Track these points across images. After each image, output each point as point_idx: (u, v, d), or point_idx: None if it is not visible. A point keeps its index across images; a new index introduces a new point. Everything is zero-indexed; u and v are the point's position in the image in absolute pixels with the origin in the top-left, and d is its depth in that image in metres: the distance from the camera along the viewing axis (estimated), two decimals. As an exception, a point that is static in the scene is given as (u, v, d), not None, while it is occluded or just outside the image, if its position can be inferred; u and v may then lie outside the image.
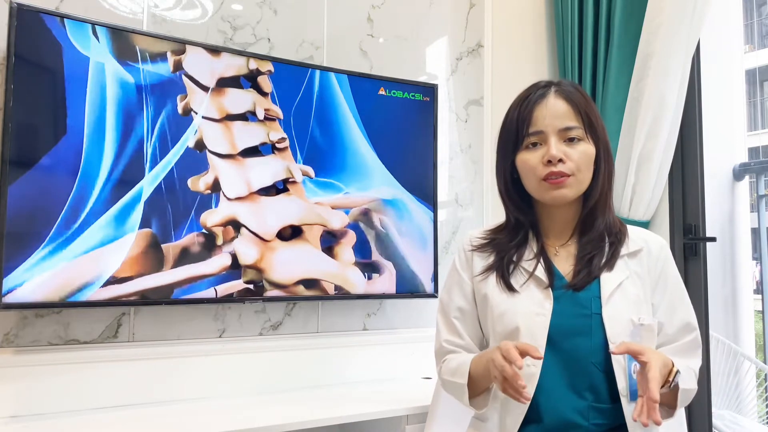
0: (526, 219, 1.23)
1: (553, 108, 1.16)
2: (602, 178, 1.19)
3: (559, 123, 1.15)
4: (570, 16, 2.25)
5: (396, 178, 1.97)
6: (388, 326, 2.08)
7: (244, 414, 1.58)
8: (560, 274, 1.18)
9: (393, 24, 2.15)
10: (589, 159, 1.16)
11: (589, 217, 1.20)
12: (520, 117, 1.18)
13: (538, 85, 1.21)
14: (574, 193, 1.17)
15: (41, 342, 1.56)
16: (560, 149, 1.14)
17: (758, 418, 2.93)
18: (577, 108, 1.17)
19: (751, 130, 9.17)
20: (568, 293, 1.16)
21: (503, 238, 1.25)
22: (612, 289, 1.14)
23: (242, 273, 1.72)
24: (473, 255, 1.27)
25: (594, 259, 1.16)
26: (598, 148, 1.18)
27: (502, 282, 1.19)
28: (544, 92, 1.18)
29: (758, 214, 3.47)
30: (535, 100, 1.18)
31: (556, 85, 1.20)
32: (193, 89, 1.67)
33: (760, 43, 10.41)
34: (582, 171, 1.16)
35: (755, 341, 3.28)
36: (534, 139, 1.17)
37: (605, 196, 1.20)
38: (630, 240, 1.21)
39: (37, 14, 1.47)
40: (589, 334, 1.13)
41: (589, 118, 1.17)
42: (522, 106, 1.19)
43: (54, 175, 1.48)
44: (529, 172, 1.17)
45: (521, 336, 1.14)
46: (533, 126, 1.16)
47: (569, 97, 1.17)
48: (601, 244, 1.18)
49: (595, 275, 1.15)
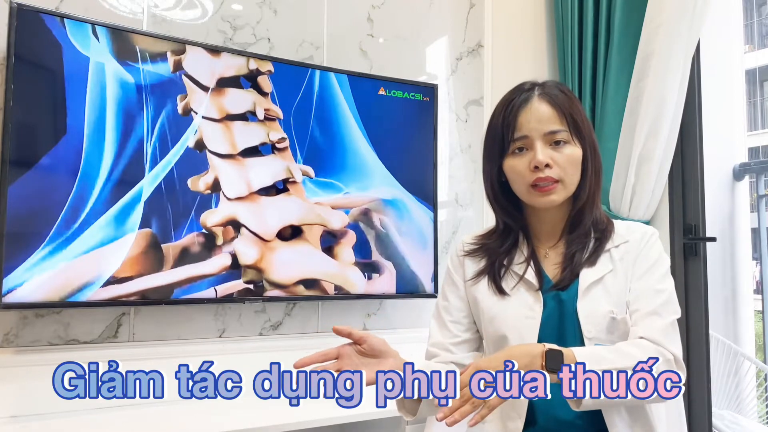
0: (515, 223, 1.23)
1: (537, 112, 1.15)
2: (590, 177, 1.18)
3: (544, 127, 1.14)
4: (570, 16, 2.25)
5: (396, 178, 1.97)
6: (388, 326, 2.08)
7: (244, 414, 1.58)
8: (548, 277, 1.19)
9: (393, 24, 2.15)
10: (575, 162, 1.16)
11: (577, 216, 1.20)
12: (505, 122, 1.16)
13: (521, 87, 1.19)
14: (563, 198, 1.17)
15: (41, 342, 1.56)
16: (546, 154, 1.13)
17: (758, 418, 2.93)
18: (562, 111, 1.15)
19: (751, 130, 9.17)
20: (554, 294, 1.16)
21: (493, 243, 1.25)
22: (589, 284, 1.13)
23: (242, 273, 1.72)
24: (465, 260, 1.27)
25: (576, 255, 1.16)
26: (585, 149, 1.17)
27: (494, 286, 1.19)
28: (527, 96, 1.16)
29: (758, 214, 3.47)
30: (519, 104, 1.16)
31: (540, 86, 1.18)
32: (193, 89, 1.67)
33: (760, 43, 10.42)
34: (569, 174, 1.15)
35: (755, 341, 3.28)
36: (519, 144, 1.16)
37: (593, 194, 1.20)
38: (616, 234, 1.20)
39: (37, 14, 1.47)
40: (573, 332, 1.13)
41: (574, 120, 1.16)
42: (506, 111, 1.17)
43: (54, 175, 1.48)
44: (518, 177, 1.17)
45: (510, 342, 1.14)
46: (518, 131, 1.15)
47: (553, 100, 1.16)
48: (586, 240, 1.18)
49: (576, 272, 1.15)
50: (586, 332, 1.11)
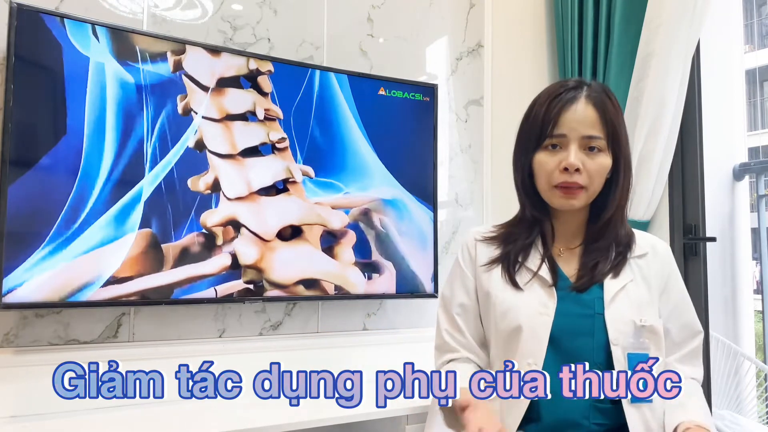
0: (540, 215, 1.22)
1: (582, 114, 1.14)
2: (620, 190, 1.18)
3: (584, 130, 1.13)
4: (570, 16, 2.25)
5: (396, 178, 1.97)
6: (388, 326, 2.08)
7: (244, 414, 1.58)
8: (564, 275, 1.19)
9: (393, 24, 2.15)
10: (603, 171, 1.16)
11: (604, 227, 1.19)
12: (547, 116, 1.15)
13: (567, 84, 1.18)
14: (583, 204, 1.17)
15: (41, 342, 1.56)
16: (579, 158, 1.13)
17: (758, 418, 2.93)
18: (605, 118, 1.14)
19: (751, 130, 9.16)
20: (572, 294, 1.16)
21: (515, 231, 1.24)
22: (616, 291, 1.15)
23: (242, 273, 1.72)
24: (478, 246, 1.26)
25: (599, 265, 1.17)
26: (618, 160, 1.16)
27: (507, 277, 1.19)
28: (575, 95, 1.15)
29: (758, 214, 3.46)
30: (566, 101, 1.14)
31: (588, 87, 1.17)
32: (193, 89, 1.67)
33: (760, 43, 10.41)
34: (595, 183, 1.16)
35: (755, 341, 3.27)
36: (555, 141, 1.15)
37: (622, 209, 1.20)
38: (636, 245, 1.21)
39: (37, 14, 1.47)
40: (591, 334, 1.13)
41: (614, 130, 1.15)
42: (551, 105, 1.15)
43: (54, 175, 1.48)
44: (545, 174, 1.16)
45: (523, 334, 1.14)
46: (558, 128, 1.14)
47: (600, 105, 1.15)
48: (608, 253, 1.18)
49: (597, 280, 1.16)
50: (613, 339, 1.12)
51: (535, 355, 1.13)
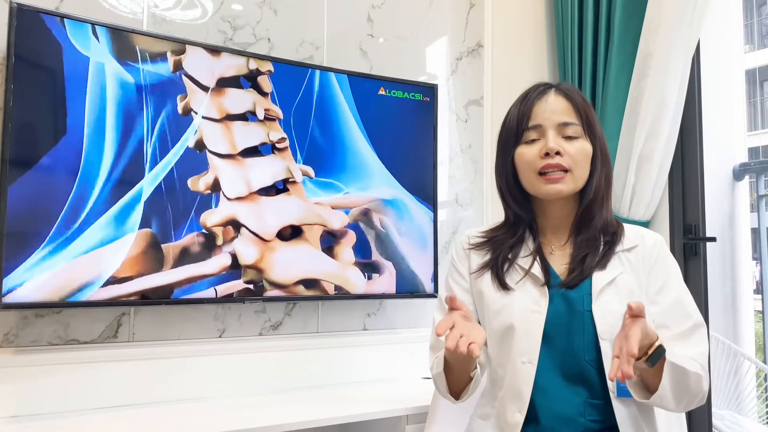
0: (526, 214, 1.23)
1: (553, 104, 1.18)
2: (599, 177, 1.19)
3: (558, 118, 1.17)
4: (570, 16, 2.25)
5: (396, 178, 1.97)
6: (388, 326, 2.08)
7: (244, 414, 1.58)
8: (555, 273, 1.19)
9: (393, 24, 2.15)
10: (586, 156, 1.17)
11: (586, 216, 1.20)
12: (520, 113, 1.20)
13: (538, 85, 1.24)
14: (570, 190, 1.17)
15: (41, 342, 1.56)
16: (558, 143, 1.16)
17: (758, 418, 2.93)
18: (577, 106, 1.19)
19: (751, 130, 9.16)
20: (562, 291, 1.16)
21: (501, 236, 1.26)
22: (603, 286, 1.15)
23: (242, 273, 1.72)
24: (470, 253, 1.28)
25: (587, 258, 1.17)
26: (595, 148, 1.19)
27: (497, 281, 1.20)
28: (544, 89, 1.21)
29: (758, 214, 3.47)
30: (536, 96, 1.20)
31: (557, 85, 1.23)
32: (193, 89, 1.67)
33: (760, 43, 10.41)
34: (579, 167, 1.17)
35: (755, 341, 3.28)
36: (533, 134, 1.18)
37: (603, 195, 1.20)
38: (626, 238, 1.21)
39: (37, 14, 1.47)
40: (581, 331, 1.13)
41: (587, 117, 1.19)
42: (522, 103, 1.21)
43: (54, 175, 1.48)
44: (526, 165, 1.18)
45: (517, 333, 1.14)
46: (532, 120, 1.18)
47: (569, 95, 1.20)
48: (596, 243, 1.19)
49: (587, 274, 1.16)
50: (601, 333, 1.12)
51: (530, 354, 1.14)
